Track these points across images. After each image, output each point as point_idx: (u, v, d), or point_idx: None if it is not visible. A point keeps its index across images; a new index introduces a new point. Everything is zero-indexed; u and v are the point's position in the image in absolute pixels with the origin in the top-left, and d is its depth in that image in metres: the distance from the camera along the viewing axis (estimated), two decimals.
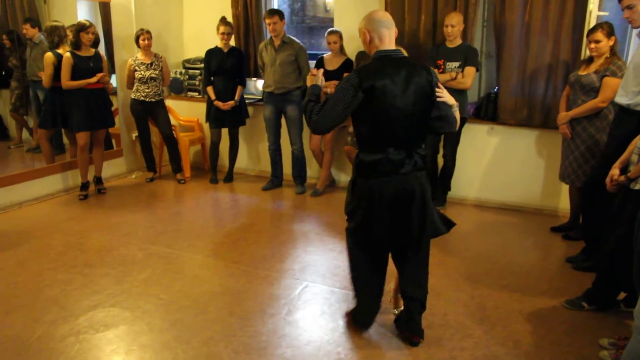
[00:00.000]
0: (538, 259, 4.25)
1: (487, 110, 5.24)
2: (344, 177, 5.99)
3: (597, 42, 4.05)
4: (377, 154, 2.77)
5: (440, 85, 2.81)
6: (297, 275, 3.87)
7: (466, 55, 4.92)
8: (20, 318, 3.28)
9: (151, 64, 5.75)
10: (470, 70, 4.91)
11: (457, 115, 2.90)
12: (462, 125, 5.08)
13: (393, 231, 2.88)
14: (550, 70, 4.92)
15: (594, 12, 4.78)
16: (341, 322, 3.26)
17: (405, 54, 3.00)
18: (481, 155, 5.33)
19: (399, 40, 5.38)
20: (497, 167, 5.29)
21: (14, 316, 3.31)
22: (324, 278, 3.83)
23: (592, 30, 4.11)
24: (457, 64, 4.94)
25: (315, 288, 3.68)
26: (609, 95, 4.01)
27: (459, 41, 4.99)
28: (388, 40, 2.78)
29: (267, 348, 3.00)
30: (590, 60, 4.21)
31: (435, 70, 4.89)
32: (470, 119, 5.21)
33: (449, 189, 5.35)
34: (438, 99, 2.78)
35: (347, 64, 5.43)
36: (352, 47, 5.54)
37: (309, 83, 3.01)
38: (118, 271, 3.92)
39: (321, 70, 3.04)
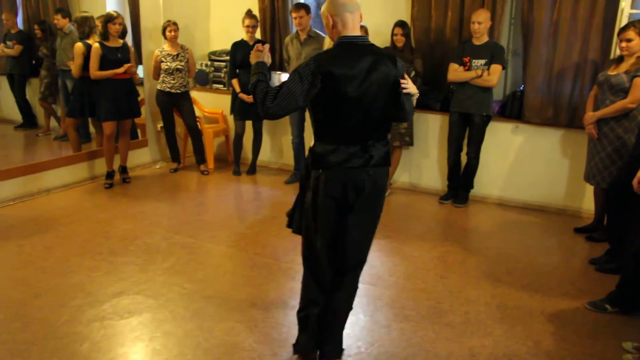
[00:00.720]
0: (561, 259, 4.23)
1: (513, 109, 5.21)
2: None
3: (629, 40, 4.00)
4: (330, 145, 2.54)
5: (405, 75, 2.62)
6: None
7: (492, 53, 4.89)
8: (48, 302, 3.36)
9: (177, 55, 5.80)
10: (496, 68, 4.88)
11: (414, 103, 2.72)
12: (486, 123, 5.06)
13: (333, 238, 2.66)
14: (578, 69, 4.87)
15: (625, 10, 4.72)
16: (361, 317, 3.28)
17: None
18: (505, 154, 5.29)
19: (425, 37, 5.42)
20: (521, 166, 5.26)
21: (43, 299, 3.39)
22: None
23: (624, 29, 4.06)
24: (483, 61, 4.91)
25: None
26: (639, 96, 3.96)
27: (485, 38, 4.96)
28: (351, 25, 2.52)
29: (288, 339, 3.03)
30: (620, 59, 4.16)
31: (461, 68, 4.92)
32: (495, 117, 5.18)
33: (472, 187, 5.33)
34: (404, 91, 2.58)
35: None
36: (378, 42, 5.51)
37: (253, 60, 2.66)
38: (142, 259, 3.99)
39: (267, 46, 2.73)
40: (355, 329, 3.15)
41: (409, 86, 2.61)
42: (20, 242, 4.23)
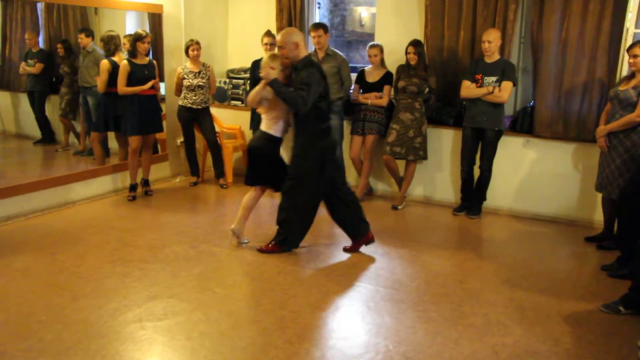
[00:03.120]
0: (573, 266, 4.40)
1: (523, 124, 5.40)
2: (381, 186, 6.19)
3: (635, 56, 4.22)
4: (327, 122, 4.24)
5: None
6: (343, 275, 4.07)
7: (504, 70, 5.10)
8: (86, 305, 3.52)
9: (199, 72, 6.03)
10: (507, 84, 5.09)
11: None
12: (498, 137, 5.25)
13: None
14: (586, 86, 5.08)
15: (630, 29, 4.95)
16: (387, 319, 3.44)
17: None
18: (517, 167, 5.48)
19: (438, 55, 5.65)
20: (532, 178, 5.44)
21: (81, 303, 3.55)
22: (369, 278, 4.02)
23: (632, 45, 4.29)
24: (494, 78, 5.12)
25: (361, 287, 3.87)
26: None
27: (497, 56, 5.17)
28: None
29: (319, 339, 3.19)
30: (632, 75, 4.37)
31: (474, 85, 5.13)
32: (507, 131, 5.37)
33: (485, 199, 5.51)
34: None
35: (387, 76, 5.65)
36: (392, 60, 5.76)
37: (271, 77, 4.09)
38: (172, 266, 4.15)
39: (271, 65, 4.12)
40: (382, 330, 3.30)
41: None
42: (53, 250, 4.40)
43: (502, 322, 3.42)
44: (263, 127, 4.35)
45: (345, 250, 4.53)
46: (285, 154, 4.42)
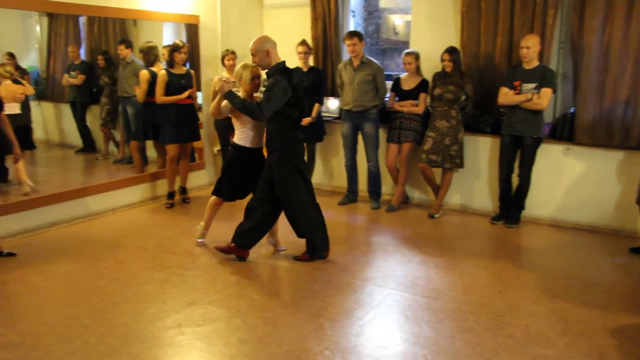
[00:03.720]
0: (618, 277, 4.27)
1: (563, 131, 5.30)
2: (417, 195, 6.14)
3: None
4: (298, 129, 4.25)
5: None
6: (380, 283, 4.04)
7: (543, 77, 5.02)
8: (126, 310, 3.58)
9: (235, 82, 6.08)
10: (546, 91, 5.00)
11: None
12: (537, 145, 5.16)
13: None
14: (630, 91, 4.95)
15: None
16: (425, 328, 3.40)
17: None
18: (557, 175, 5.37)
19: (474, 62, 5.59)
20: (573, 187, 5.32)
21: (121, 308, 3.61)
22: (406, 287, 3.98)
23: None
24: (533, 85, 5.04)
25: (398, 296, 3.84)
26: None
27: (535, 63, 5.09)
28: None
29: (357, 347, 3.17)
30: None
31: (512, 92, 5.06)
32: (546, 139, 5.28)
33: (523, 208, 5.41)
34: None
35: (423, 84, 5.62)
36: (427, 67, 5.72)
37: (224, 90, 4.14)
38: (210, 273, 4.20)
39: (224, 78, 4.28)
40: (420, 340, 3.27)
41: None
42: (94, 256, 4.50)
43: (543, 334, 3.34)
44: (234, 137, 4.47)
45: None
46: None
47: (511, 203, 5.40)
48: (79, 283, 4.01)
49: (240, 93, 4.33)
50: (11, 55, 5.84)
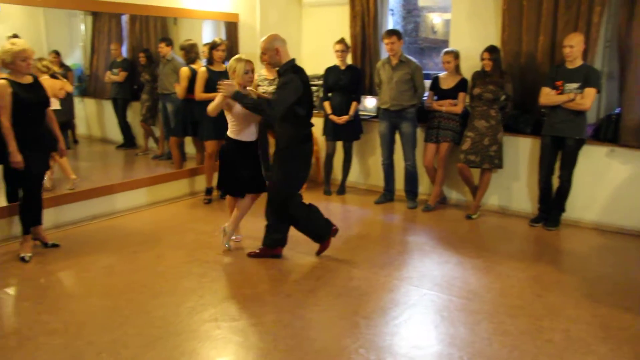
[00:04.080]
0: None
1: (607, 132, 5.16)
2: (455, 195, 6.07)
3: None
4: (308, 127, 4.25)
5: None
6: (416, 283, 4.02)
7: (587, 77, 4.89)
8: (165, 303, 3.65)
9: (274, 79, 6.11)
10: (590, 91, 4.87)
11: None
12: (579, 146, 5.04)
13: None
14: None
15: None
16: (462, 329, 3.36)
17: None
18: (600, 178, 5.22)
19: (515, 61, 5.50)
20: (618, 190, 5.16)
21: (160, 300, 3.68)
22: (442, 287, 3.94)
23: None
24: (576, 85, 4.92)
25: (434, 296, 3.81)
26: None
27: (579, 62, 4.97)
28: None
29: (392, 347, 3.16)
30: None
31: (553, 92, 4.96)
32: (589, 140, 5.15)
33: (564, 210, 5.29)
34: None
35: (462, 83, 5.56)
36: (467, 66, 5.65)
37: (231, 91, 4.06)
38: (247, 269, 4.25)
39: (228, 81, 4.20)
40: (456, 341, 3.23)
41: None
42: (134, 249, 4.59)
43: (584, 340, 3.26)
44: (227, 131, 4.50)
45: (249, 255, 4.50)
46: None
47: (551, 205, 5.29)
48: (119, 275, 4.10)
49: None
50: (56, 53, 6.01)
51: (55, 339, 3.19)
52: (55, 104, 5.52)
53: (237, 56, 4.41)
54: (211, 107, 4.33)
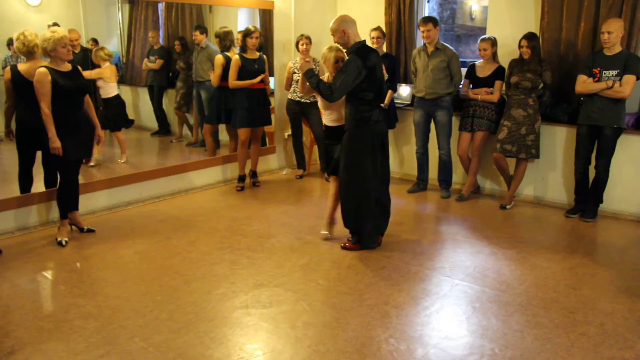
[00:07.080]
0: None
1: None
2: (489, 185, 5.99)
3: None
4: (375, 110, 4.14)
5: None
6: (448, 273, 3.98)
7: (626, 63, 4.74)
8: (196, 289, 3.70)
9: (317, 62, 6.11)
10: (629, 78, 4.72)
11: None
12: (617, 135, 4.89)
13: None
14: None
15: None
16: (493, 320, 3.32)
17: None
18: None
19: (554, 48, 5.36)
20: None
21: (192, 286, 3.74)
22: (475, 278, 3.90)
23: None
24: (614, 72, 4.77)
25: (466, 287, 3.77)
26: None
27: (618, 48, 4.81)
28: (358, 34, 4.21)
29: (422, 337, 3.15)
30: None
31: (590, 79, 4.83)
32: (630, 130, 5.00)
33: (601, 202, 5.16)
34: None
35: (498, 71, 5.44)
36: (504, 53, 5.54)
37: (305, 68, 4.18)
38: (278, 256, 4.26)
39: (311, 58, 4.47)
40: (488, 332, 3.19)
41: None
42: (167, 235, 4.67)
43: (620, 334, 3.19)
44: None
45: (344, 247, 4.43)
46: None
47: (588, 196, 5.17)
48: (152, 261, 4.18)
49: (326, 75, 4.38)
50: (95, 41, 6.11)
51: (89, 322, 3.27)
52: (115, 89, 5.86)
53: (329, 45, 4.36)
54: (300, 87, 4.54)
